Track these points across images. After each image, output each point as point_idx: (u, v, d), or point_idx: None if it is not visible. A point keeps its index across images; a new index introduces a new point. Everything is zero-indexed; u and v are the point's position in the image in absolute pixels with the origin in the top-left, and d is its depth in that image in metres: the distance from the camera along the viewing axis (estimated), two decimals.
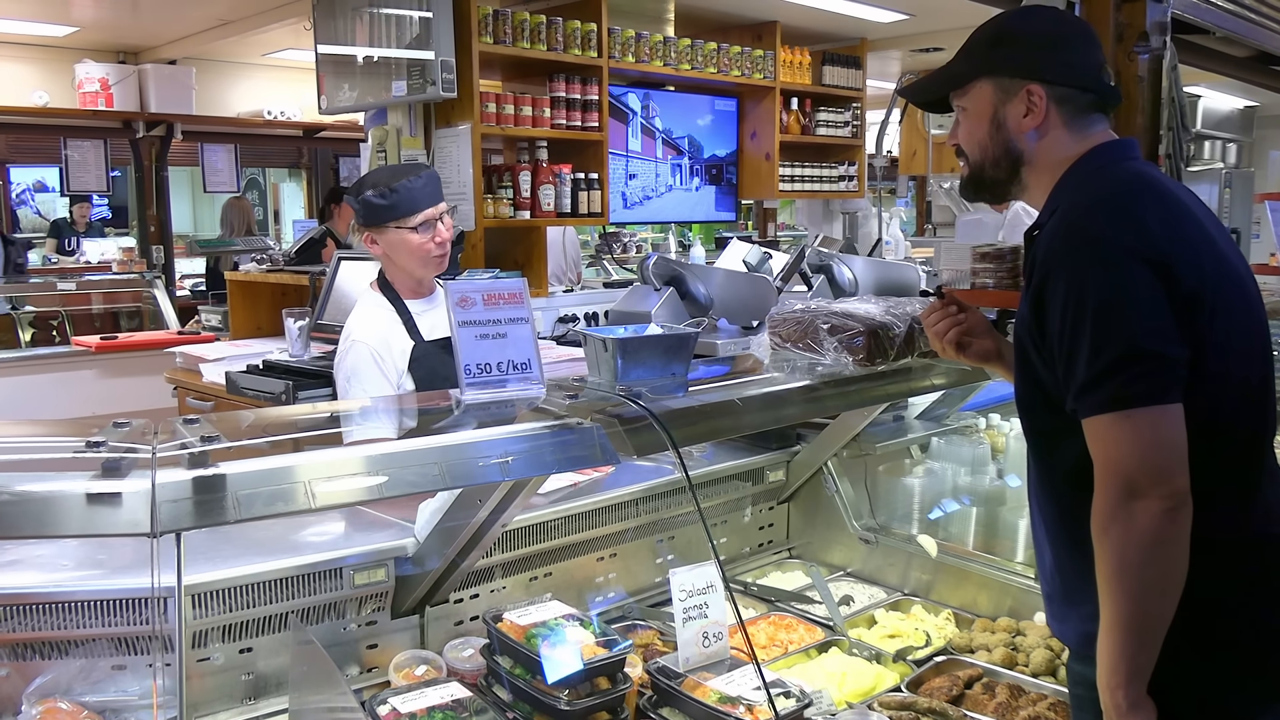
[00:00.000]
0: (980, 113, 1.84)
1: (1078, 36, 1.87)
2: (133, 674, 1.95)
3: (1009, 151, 1.82)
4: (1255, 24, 3.35)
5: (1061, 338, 1.60)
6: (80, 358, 6.28)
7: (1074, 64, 1.81)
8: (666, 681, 2.07)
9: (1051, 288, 1.62)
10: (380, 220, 2.88)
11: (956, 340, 2.06)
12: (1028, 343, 1.71)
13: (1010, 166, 1.83)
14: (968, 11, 6.52)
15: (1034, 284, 1.66)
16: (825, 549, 3.05)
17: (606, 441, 1.78)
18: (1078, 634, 1.74)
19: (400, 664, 2.14)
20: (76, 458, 1.46)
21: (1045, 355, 1.66)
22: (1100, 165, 1.75)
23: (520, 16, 5.00)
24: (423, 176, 2.91)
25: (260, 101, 8.80)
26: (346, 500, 1.78)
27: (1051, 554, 1.79)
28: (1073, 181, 1.75)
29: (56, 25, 7.32)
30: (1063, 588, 1.77)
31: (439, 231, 2.92)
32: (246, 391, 4.22)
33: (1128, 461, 1.52)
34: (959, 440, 3.13)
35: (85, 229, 10.33)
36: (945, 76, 1.90)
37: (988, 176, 1.87)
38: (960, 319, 2.07)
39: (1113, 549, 1.54)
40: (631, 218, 6.63)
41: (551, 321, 5.17)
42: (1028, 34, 1.84)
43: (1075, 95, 1.79)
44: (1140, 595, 1.53)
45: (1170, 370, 1.54)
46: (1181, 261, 1.57)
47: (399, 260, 2.93)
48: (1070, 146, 1.79)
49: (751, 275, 3.95)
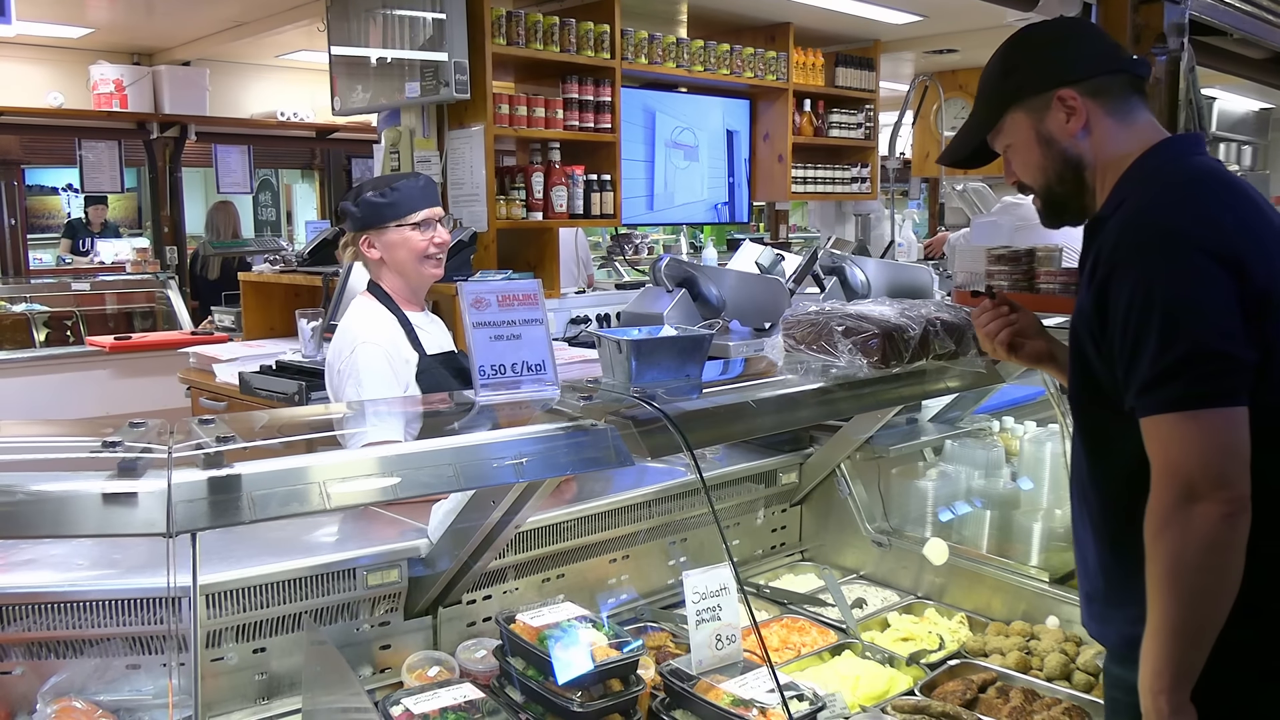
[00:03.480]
0: (1025, 139, 1.81)
1: (1079, 30, 1.87)
2: (147, 673, 1.96)
3: (1067, 161, 1.78)
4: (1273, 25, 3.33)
5: (1125, 333, 1.56)
6: (94, 358, 6.30)
7: (1090, 53, 1.79)
8: (679, 684, 2.07)
9: (1118, 281, 1.58)
10: (381, 219, 2.87)
11: (1009, 341, 2.03)
12: (1085, 338, 1.68)
13: (1074, 177, 1.79)
14: (981, 13, 6.53)
15: (1099, 277, 1.62)
16: (838, 552, 3.04)
17: (621, 443, 1.78)
18: (1120, 636, 1.72)
19: (413, 665, 2.14)
20: (93, 457, 1.46)
21: (1105, 351, 1.63)
22: (1169, 159, 1.72)
23: (533, 18, 5.00)
24: (420, 180, 2.92)
25: (274, 103, 8.81)
26: (361, 501, 1.78)
27: (1096, 554, 1.76)
28: (1140, 174, 1.72)
29: (71, 27, 7.35)
30: (1106, 589, 1.75)
31: (439, 232, 2.92)
32: (259, 392, 4.23)
33: (1188, 463, 1.49)
34: (972, 443, 3.12)
35: (100, 230, 10.37)
36: (974, 126, 1.88)
37: (1057, 195, 1.82)
38: (1012, 319, 2.04)
39: (1167, 552, 1.51)
40: (643, 219, 6.62)
41: (563, 323, 5.17)
42: (1031, 49, 1.83)
43: (1107, 82, 1.76)
44: (1192, 601, 1.50)
45: (1238, 372, 1.51)
46: (1254, 260, 1.54)
47: (396, 262, 2.91)
48: (1125, 137, 1.75)
49: (764, 277, 3.95)
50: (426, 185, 2.94)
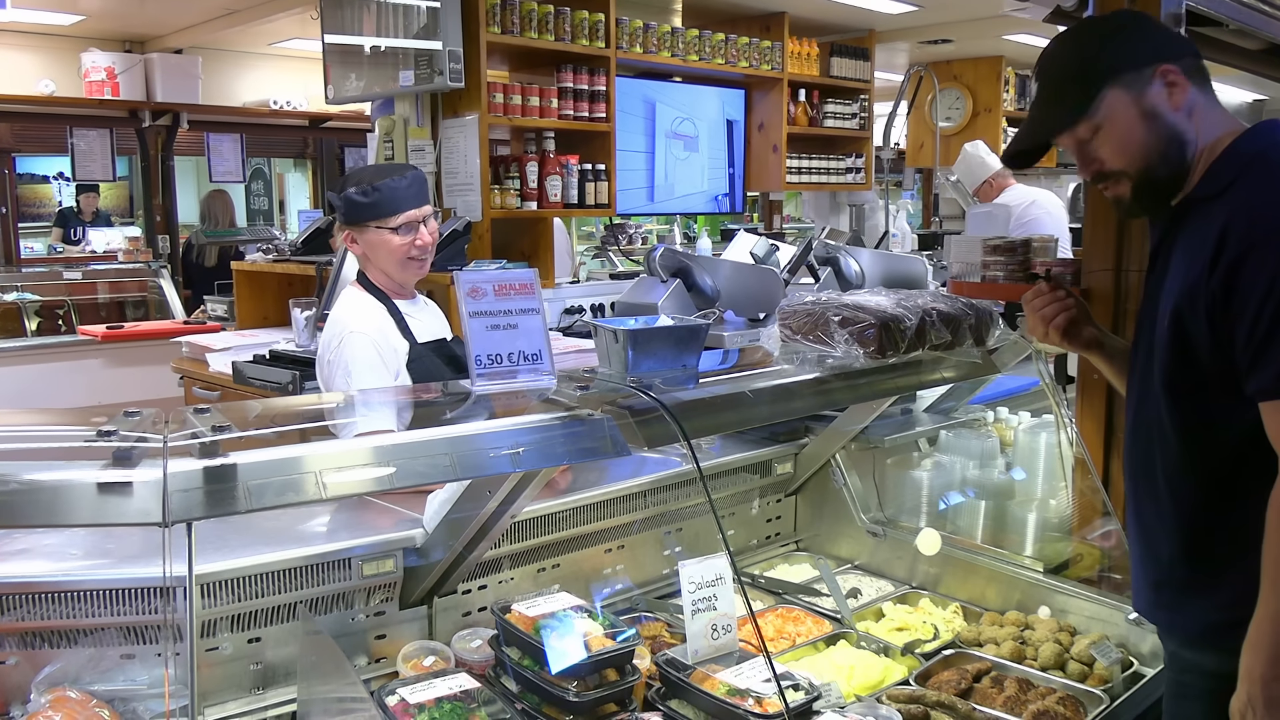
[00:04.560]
0: (1125, 118, 1.73)
1: (1144, 15, 1.83)
2: (141, 663, 1.95)
3: (1175, 138, 1.73)
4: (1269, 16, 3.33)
5: (1260, 318, 1.54)
6: (86, 347, 6.29)
7: (1171, 36, 1.76)
8: (675, 673, 2.07)
9: (1255, 265, 1.56)
10: (361, 219, 2.83)
11: (1064, 325, 2.02)
12: (1197, 321, 1.64)
13: (1179, 156, 1.73)
14: (976, 3, 6.54)
15: (1227, 259, 1.59)
16: (833, 542, 3.04)
17: (618, 433, 1.77)
18: (1201, 624, 1.70)
19: (408, 654, 2.14)
20: (88, 446, 1.46)
21: (1221, 333, 1.60)
22: (1276, 143, 1.69)
23: (528, 6, 4.99)
24: (407, 177, 2.84)
25: (266, 91, 8.78)
26: (357, 491, 1.78)
27: (1180, 541, 1.73)
28: (1244, 158, 1.68)
29: (63, 14, 7.31)
30: (1188, 576, 1.72)
31: (421, 234, 2.85)
32: (253, 381, 4.22)
33: None
34: (967, 434, 3.13)
35: (92, 218, 10.33)
36: (1060, 112, 1.79)
37: (1160, 177, 1.75)
38: (1069, 304, 2.03)
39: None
40: (644, 210, 6.61)
41: (558, 312, 5.16)
42: (1112, 33, 1.77)
43: (1194, 64, 1.73)
44: None
45: None
46: None
47: (378, 261, 2.88)
48: (1217, 118, 1.73)
49: (758, 267, 3.95)
50: (413, 183, 2.85)
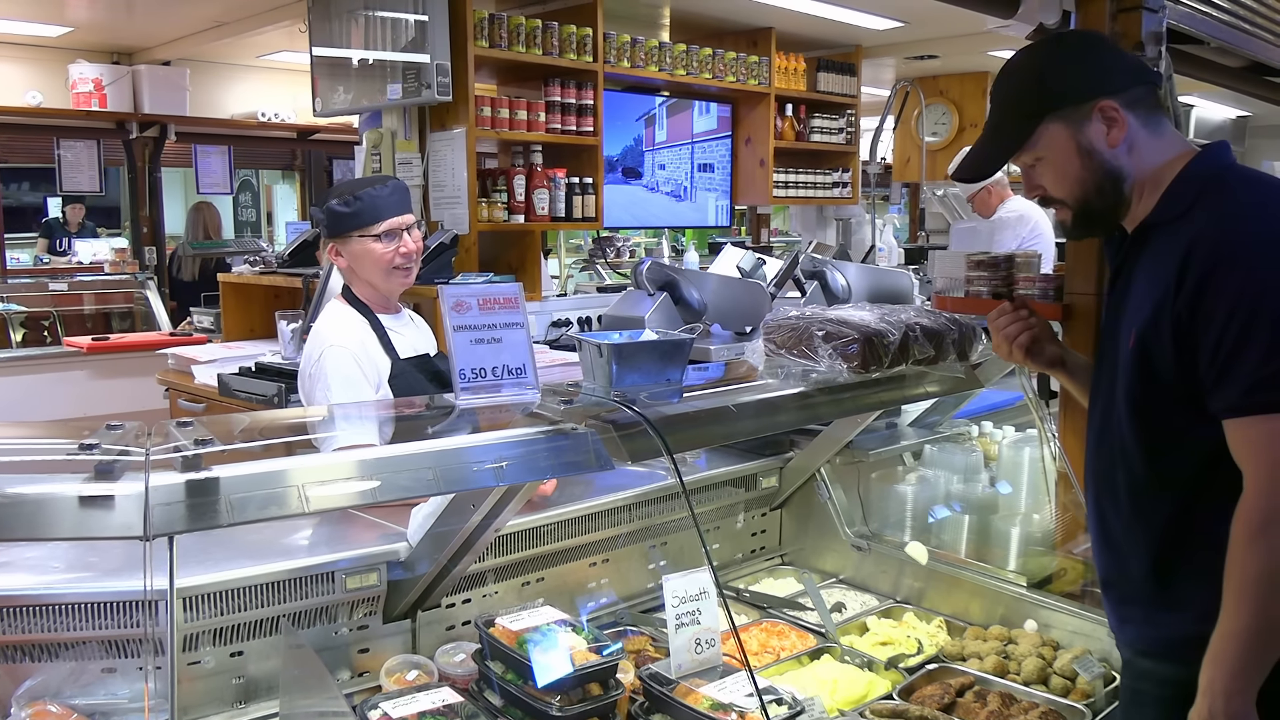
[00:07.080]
0: (1062, 150, 1.77)
1: (1095, 41, 1.84)
2: (122, 677, 1.94)
3: (1109, 174, 1.77)
4: (1249, 34, 3.37)
5: (1225, 336, 1.56)
6: (72, 359, 6.25)
7: (1123, 65, 1.78)
8: (658, 688, 2.07)
9: (1218, 285, 1.58)
10: (343, 229, 2.82)
11: (1027, 344, 2.05)
12: (1159, 340, 1.66)
13: (1114, 189, 1.78)
14: (962, 20, 6.54)
15: (1192, 279, 1.61)
16: (818, 556, 3.05)
17: (601, 447, 1.78)
18: (1164, 638, 1.71)
19: (392, 669, 2.13)
20: (69, 460, 1.45)
21: (1186, 353, 1.62)
22: (1226, 165, 1.72)
23: (516, 20, 5.00)
24: (389, 186, 2.85)
25: (254, 103, 8.77)
26: (340, 505, 1.78)
27: (1148, 558, 1.74)
28: (1196, 181, 1.71)
29: (50, 25, 7.29)
30: (1157, 591, 1.73)
31: (404, 243, 2.85)
32: (239, 394, 4.21)
33: None
34: (952, 448, 3.14)
35: (78, 229, 10.28)
36: (1003, 138, 1.83)
37: (1095, 208, 1.80)
38: (1032, 323, 2.06)
39: (1264, 555, 1.51)
40: (630, 223, 6.61)
41: (544, 326, 5.16)
42: (1062, 60, 1.80)
43: (1141, 93, 1.76)
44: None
45: None
46: None
47: (362, 272, 2.86)
48: (1158, 147, 1.76)
49: (745, 281, 3.96)
50: (394, 192, 2.85)
